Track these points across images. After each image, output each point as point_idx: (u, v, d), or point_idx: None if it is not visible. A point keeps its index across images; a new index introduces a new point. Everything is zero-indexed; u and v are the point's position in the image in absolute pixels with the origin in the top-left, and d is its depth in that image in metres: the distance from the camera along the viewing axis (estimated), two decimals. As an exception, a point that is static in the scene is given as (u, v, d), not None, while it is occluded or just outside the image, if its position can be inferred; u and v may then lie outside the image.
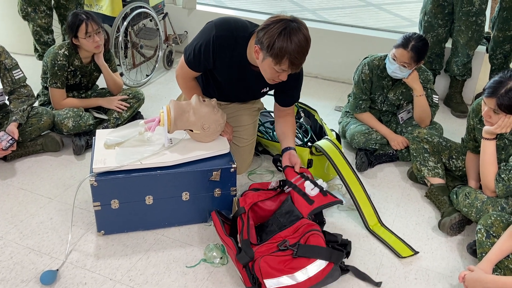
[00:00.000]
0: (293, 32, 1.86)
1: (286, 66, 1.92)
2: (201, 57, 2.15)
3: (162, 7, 3.92)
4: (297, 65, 1.94)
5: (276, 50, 1.87)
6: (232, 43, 2.10)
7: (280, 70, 1.96)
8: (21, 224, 2.17)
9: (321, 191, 2.02)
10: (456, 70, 3.39)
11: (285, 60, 1.89)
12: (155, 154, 2.07)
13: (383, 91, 2.81)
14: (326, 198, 2.00)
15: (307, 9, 7.06)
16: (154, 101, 3.44)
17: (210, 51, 2.11)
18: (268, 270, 1.71)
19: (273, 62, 1.93)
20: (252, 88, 2.31)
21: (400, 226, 2.28)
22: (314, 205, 1.97)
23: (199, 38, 2.16)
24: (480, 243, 1.89)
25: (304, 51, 1.90)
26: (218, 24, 2.12)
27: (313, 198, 1.99)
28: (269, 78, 2.05)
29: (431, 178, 2.43)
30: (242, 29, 2.11)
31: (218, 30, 2.09)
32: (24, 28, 3.47)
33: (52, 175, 2.53)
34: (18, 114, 2.52)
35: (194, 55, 2.17)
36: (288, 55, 1.87)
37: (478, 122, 2.25)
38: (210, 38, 2.10)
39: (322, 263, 1.74)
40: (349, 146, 2.89)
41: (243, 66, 2.16)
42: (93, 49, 2.70)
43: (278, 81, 2.06)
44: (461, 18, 3.19)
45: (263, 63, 1.98)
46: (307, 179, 2.07)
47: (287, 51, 1.86)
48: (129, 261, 1.99)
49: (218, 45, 2.10)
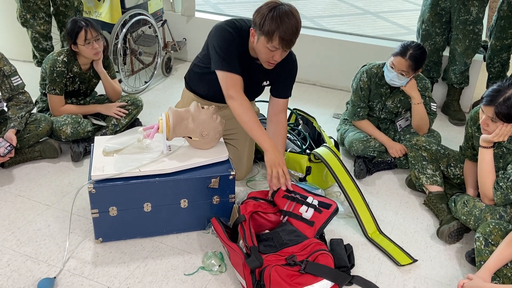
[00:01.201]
0: (282, 10, 1.99)
1: (277, 43, 2.01)
2: (234, 44, 2.16)
3: (161, 14, 3.93)
4: (287, 42, 2.02)
5: (266, 27, 1.99)
6: (238, 37, 2.17)
7: (273, 48, 2.04)
8: (19, 231, 2.16)
9: (316, 210, 2.04)
10: (454, 78, 3.41)
11: (275, 36, 1.99)
12: (153, 161, 2.07)
13: (381, 98, 2.82)
14: (323, 214, 2.03)
15: (305, 17, 7.09)
16: (153, 107, 3.44)
17: (233, 35, 2.16)
18: (278, 280, 1.72)
19: (265, 40, 2.02)
20: (253, 80, 2.34)
21: (399, 234, 2.28)
22: (316, 226, 2.00)
23: (215, 40, 2.18)
24: (478, 251, 1.89)
25: (293, 28, 2.00)
26: (224, 23, 2.20)
27: (312, 219, 2.02)
28: (264, 59, 2.13)
29: (429, 186, 2.43)
30: (244, 25, 2.20)
31: (227, 26, 2.18)
32: (22, 35, 3.47)
33: (50, 182, 2.53)
34: (16, 121, 2.52)
35: (224, 51, 2.14)
36: (278, 31, 1.97)
37: (476, 130, 2.26)
38: (226, 29, 2.17)
39: (328, 284, 1.75)
40: (348, 153, 2.89)
41: (247, 59, 2.22)
42: (92, 56, 2.71)
43: (273, 62, 2.13)
44: (459, 27, 3.21)
45: (258, 44, 2.08)
46: (296, 200, 2.08)
47: (277, 26, 1.97)
48: (127, 268, 1.98)
49: (235, 34, 2.17)
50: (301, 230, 2.01)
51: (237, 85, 2.15)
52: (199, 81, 2.45)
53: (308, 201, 2.07)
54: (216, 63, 2.16)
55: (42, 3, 3.18)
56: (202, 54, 2.39)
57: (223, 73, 2.15)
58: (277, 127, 2.34)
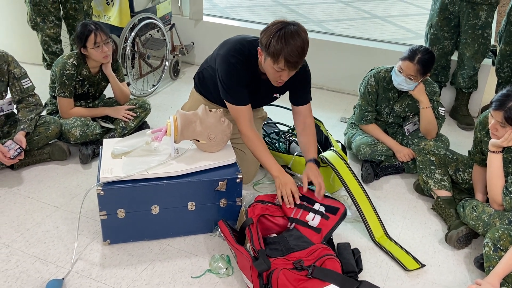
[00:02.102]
0: (289, 32, 1.95)
1: (283, 65, 1.99)
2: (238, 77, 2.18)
3: (170, 18, 3.96)
4: (293, 64, 2.00)
5: (272, 49, 1.96)
6: (244, 65, 2.17)
7: (279, 69, 2.02)
8: (27, 233, 2.17)
9: (322, 216, 2.05)
10: (462, 83, 3.40)
11: (281, 58, 1.97)
12: (161, 164, 2.08)
13: (389, 103, 2.81)
14: (330, 220, 2.04)
15: (312, 21, 7.09)
16: (160, 110, 3.46)
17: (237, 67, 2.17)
18: (286, 284, 1.72)
19: (271, 61, 2.01)
20: (264, 93, 2.36)
21: (406, 239, 2.27)
22: (323, 232, 2.01)
23: (220, 71, 2.21)
24: (487, 257, 1.88)
25: (299, 50, 1.97)
26: (229, 53, 2.18)
27: (319, 226, 2.03)
28: (272, 79, 2.13)
29: (437, 191, 2.42)
30: (251, 47, 2.17)
31: (232, 58, 2.16)
32: (33, 38, 3.51)
33: (59, 184, 2.54)
34: (26, 123, 2.54)
35: (228, 85, 2.19)
36: (283, 53, 1.95)
37: (485, 135, 2.25)
38: (229, 62, 2.17)
39: None
40: (355, 157, 2.88)
41: (257, 77, 2.23)
42: (102, 59, 2.73)
43: (281, 81, 2.12)
44: (467, 31, 3.20)
45: (265, 64, 2.07)
46: (303, 207, 2.10)
47: (282, 49, 1.94)
48: (135, 270, 1.99)
49: (239, 64, 2.17)
50: (308, 236, 2.01)
51: (242, 116, 2.21)
52: (208, 85, 2.46)
53: (315, 207, 2.07)
54: (222, 94, 2.24)
55: (52, 7, 3.21)
56: (211, 60, 2.39)
57: (228, 104, 2.23)
58: (306, 138, 2.32)
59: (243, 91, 2.21)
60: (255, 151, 2.24)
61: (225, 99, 2.24)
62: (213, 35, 4.17)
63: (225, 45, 2.25)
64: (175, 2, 4.20)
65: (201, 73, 2.51)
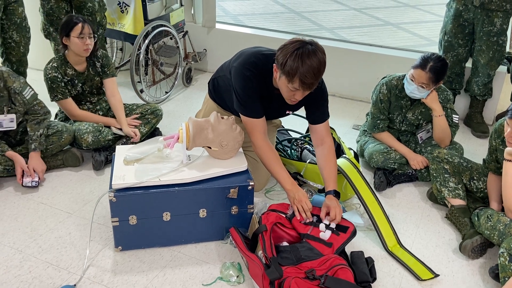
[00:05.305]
0: (306, 52, 1.92)
1: (298, 85, 1.96)
2: (252, 89, 2.17)
3: (183, 25, 3.99)
4: (308, 85, 1.96)
5: (287, 68, 1.93)
6: (258, 79, 2.16)
7: (293, 89, 2.00)
8: (40, 238, 2.19)
9: (333, 232, 2.04)
10: (477, 90, 3.36)
11: (296, 78, 1.94)
12: (173, 171, 2.08)
13: (402, 111, 2.79)
14: (341, 236, 2.03)
15: (325, 28, 7.10)
16: (173, 117, 3.48)
17: (252, 80, 2.15)
18: None
19: (286, 80, 1.98)
20: (276, 108, 2.34)
21: (420, 248, 2.24)
22: (334, 247, 1.99)
23: (235, 83, 2.20)
24: (502, 267, 1.85)
25: (315, 72, 1.93)
26: (244, 66, 2.17)
27: (329, 240, 2.01)
28: (286, 97, 2.10)
29: (451, 199, 2.39)
30: (266, 62, 2.15)
31: (246, 70, 2.15)
32: (46, 45, 3.56)
33: (72, 190, 2.56)
34: (36, 141, 2.56)
35: (243, 97, 2.18)
36: (299, 74, 1.92)
37: (501, 143, 2.21)
38: (244, 75, 2.16)
39: None
40: (367, 165, 2.86)
41: (269, 92, 2.21)
42: (82, 51, 2.71)
43: (295, 100, 2.08)
44: (482, 38, 3.17)
45: (280, 81, 2.04)
46: (313, 225, 2.08)
47: (298, 69, 1.91)
48: (146, 277, 1.99)
49: (253, 77, 2.16)
50: (320, 250, 1.99)
51: (256, 129, 2.20)
52: (222, 93, 2.46)
53: (325, 222, 2.07)
54: (237, 106, 2.23)
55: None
56: (227, 69, 2.36)
57: (243, 117, 2.22)
58: (328, 166, 2.23)
59: (257, 103, 2.19)
60: (268, 163, 2.21)
61: (239, 111, 2.23)
62: (225, 43, 4.19)
63: (240, 56, 2.24)
64: (188, 10, 4.24)
65: (215, 80, 2.51)
